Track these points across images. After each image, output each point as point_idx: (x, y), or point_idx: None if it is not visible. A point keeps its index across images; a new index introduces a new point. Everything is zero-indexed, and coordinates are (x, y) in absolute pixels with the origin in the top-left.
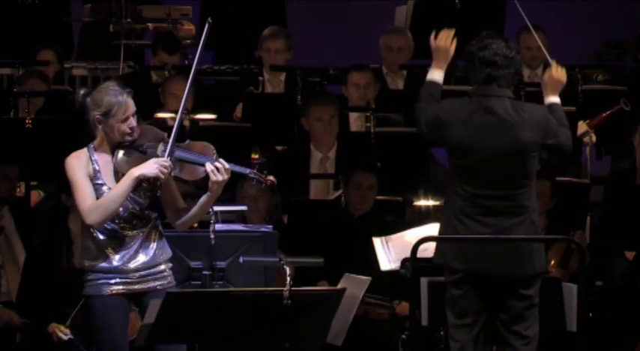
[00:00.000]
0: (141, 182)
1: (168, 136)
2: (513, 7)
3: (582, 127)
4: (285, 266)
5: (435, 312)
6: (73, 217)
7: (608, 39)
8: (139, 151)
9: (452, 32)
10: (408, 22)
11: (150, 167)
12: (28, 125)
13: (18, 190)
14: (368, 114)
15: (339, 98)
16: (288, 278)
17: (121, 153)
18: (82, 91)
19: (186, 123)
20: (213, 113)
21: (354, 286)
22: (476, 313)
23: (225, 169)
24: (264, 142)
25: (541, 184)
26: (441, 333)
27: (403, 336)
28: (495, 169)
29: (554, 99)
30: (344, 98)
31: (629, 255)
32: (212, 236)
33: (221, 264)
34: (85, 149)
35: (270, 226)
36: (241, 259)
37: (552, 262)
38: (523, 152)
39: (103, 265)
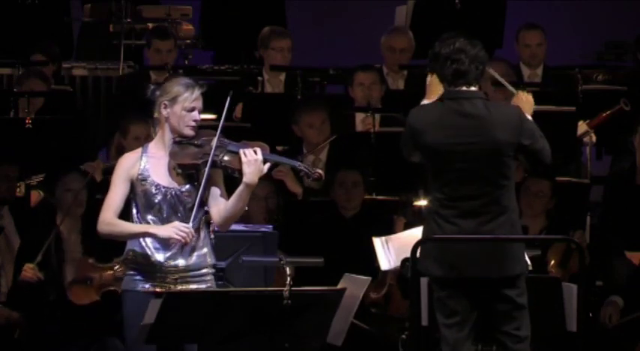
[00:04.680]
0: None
1: (225, 137)
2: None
3: (582, 127)
4: (285, 266)
5: (435, 312)
6: (60, 216)
7: (608, 39)
8: (193, 145)
9: None
10: (408, 22)
11: (166, 230)
12: (28, 125)
13: (18, 190)
14: (367, 114)
15: (341, 98)
16: (288, 278)
17: (175, 146)
18: (152, 86)
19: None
20: (213, 113)
21: (354, 286)
22: (464, 312)
23: (254, 157)
24: (264, 142)
25: (541, 184)
26: None
27: (403, 336)
28: (471, 170)
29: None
30: (349, 98)
31: (630, 255)
32: (212, 236)
33: (221, 264)
34: (140, 148)
35: (270, 226)
36: (241, 259)
37: (552, 262)
38: (498, 152)
39: (143, 261)
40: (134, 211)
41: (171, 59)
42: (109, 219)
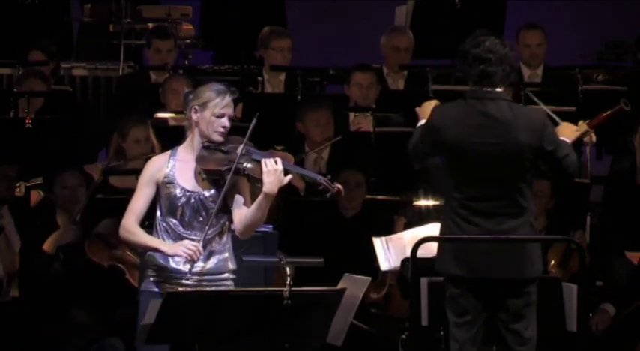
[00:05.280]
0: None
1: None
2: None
3: (582, 127)
4: (285, 266)
5: (435, 312)
6: (60, 212)
7: (608, 39)
8: (220, 151)
9: (435, 102)
10: (408, 22)
11: (174, 248)
12: (28, 125)
13: (18, 190)
14: (357, 114)
15: (340, 97)
16: (288, 278)
17: (203, 150)
18: (186, 90)
19: (185, 123)
20: None
21: (354, 286)
22: (475, 311)
23: (274, 167)
24: (264, 142)
25: (541, 184)
26: (441, 333)
27: (403, 336)
28: (491, 170)
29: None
30: (345, 97)
31: (630, 255)
32: None
33: None
34: (169, 151)
35: (270, 226)
36: (241, 259)
37: (552, 262)
38: (519, 154)
39: (161, 262)
40: (158, 213)
41: (171, 59)
42: (129, 226)
